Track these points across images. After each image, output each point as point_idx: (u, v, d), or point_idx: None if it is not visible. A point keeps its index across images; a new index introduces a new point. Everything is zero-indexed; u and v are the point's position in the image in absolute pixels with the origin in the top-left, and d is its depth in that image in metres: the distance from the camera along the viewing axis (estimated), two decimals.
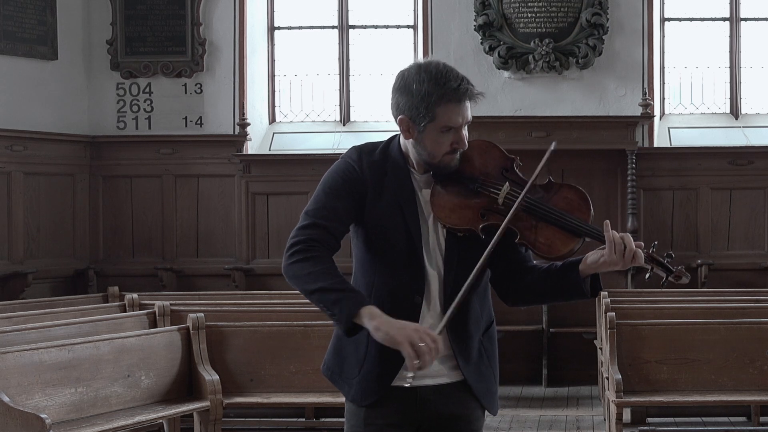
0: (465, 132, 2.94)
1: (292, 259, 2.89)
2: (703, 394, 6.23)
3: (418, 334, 2.74)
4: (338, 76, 10.51)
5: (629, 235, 2.88)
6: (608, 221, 2.92)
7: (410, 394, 2.96)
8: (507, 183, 2.93)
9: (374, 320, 2.78)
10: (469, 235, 2.92)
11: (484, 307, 3.08)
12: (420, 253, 2.94)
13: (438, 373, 2.98)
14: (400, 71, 2.96)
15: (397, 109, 2.94)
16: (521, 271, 3.03)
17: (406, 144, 2.99)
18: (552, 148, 2.96)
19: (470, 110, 2.92)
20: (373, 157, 2.99)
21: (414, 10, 10.36)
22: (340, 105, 10.51)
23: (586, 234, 2.90)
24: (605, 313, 6.59)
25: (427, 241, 2.97)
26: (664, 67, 10.19)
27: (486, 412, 3.12)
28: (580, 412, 8.09)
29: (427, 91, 2.86)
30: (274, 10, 10.55)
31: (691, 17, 10.25)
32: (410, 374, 2.78)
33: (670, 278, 2.94)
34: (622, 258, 2.85)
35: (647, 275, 3.03)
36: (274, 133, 10.47)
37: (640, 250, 2.86)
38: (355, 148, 3.03)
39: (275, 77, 10.57)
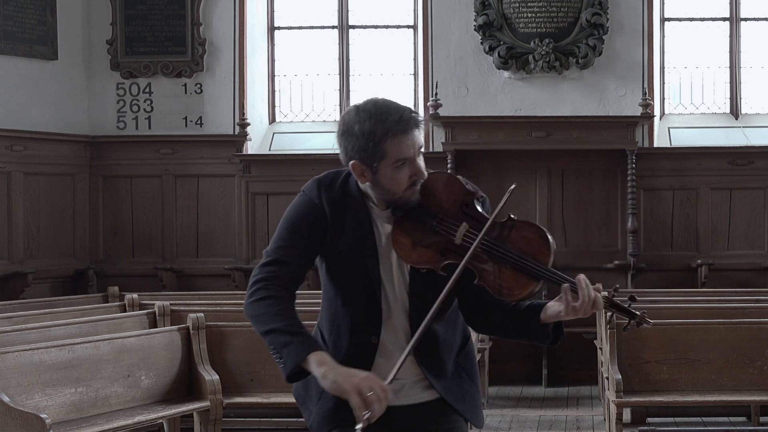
0: (421, 161, 2.84)
1: (251, 298, 2.85)
2: (703, 394, 6.23)
3: (366, 383, 2.65)
4: (338, 76, 10.51)
5: (586, 282, 2.78)
6: (566, 286, 2.81)
7: (382, 417, 2.78)
8: (464, 223, 2.84)
9: (322, 367, 2.70)
10: (431, 272, 2.86)
11: (456, 329, 3.01)
12: (377, 295, 2.89)
13: (412, 394, 2.93)
14: (341, 117, 2.90)
15: (346, 155, 2.84)
16: (487, 305, 2.96)
17: (364, 187, 2.90)
18: (512, 188, 2.87)
19: (421, 138, 2.85)
20: (333, 193, 2.91)
21: (414, 10, 10.35)
22: (340, 105, 10.51)
23: (545, 278, 2.81)
24: (605, 313, 6.58)
25: (390, 275, 2.90)
26: (664, 67, 10.19)
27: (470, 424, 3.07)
28: (580, 412, 8.09)
29: (370, 129, 2.78)
30: (274, 10, 10.55)
31: (691, 17, 10.25)
32: (359, 426, 2.65)
33: (633, 322, 2.91)
34: (581, 310, 2.78)
35: (608, 319, 3.00)
36: (274, 133, 10.47)
37: (599, 297, 2.79)
38: (314, 180, 2.95)
39: (275, 77, 10.57)
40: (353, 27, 10.51)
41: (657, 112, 9.99)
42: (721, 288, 8.77)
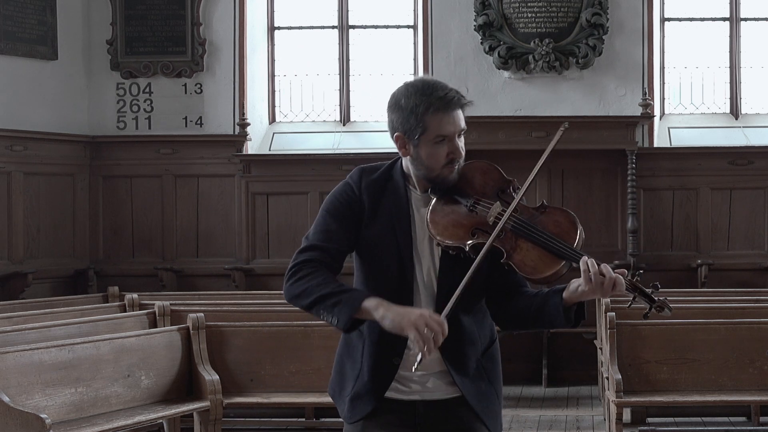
0: (461, 142, 2.95)
1: (291, 280, 2.93)
2: (703, 394, 6.23)
3: (423, 318, 2.75)
4: (338, 76, 10.51)
5: (607, 265, 2.83)
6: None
7: (408, 409, 2.98)
8: (498, 202, 2.94)
9: (380, 309, 2.81)
10: (460, 254, 2.92)
11: (483, 327, 3.07)
12: (410, 275, 2.96)
13: (435, 389, 2.99)
14: (392, 92, 3.00)
15: (392, 128, 2.97)
16: (513, 295, 3.03)
17: (407, 164, 3.01)
18: (562, 131, 2.96)
19: (462, 120, 2.94)
20: (373, 177, 3.03)
21: (414, 10, 10.35)
22: (340, 105, 10.51)
23: (570, 258, 2.86)
24: (605, 313, 6.59)
25: (420, 261, 2.98)
26: (664, 67, 10.19)
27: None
28: (580, 412, 8.09)
29: (414, 103, 2.89)
30: (274, 10, 10.55)
31: (691, 17, 10.25)
32: (419, 358, 2.77)
33: (653, 309, 2.92)
34: (601, 287, 2.81)
35: (629, 305, 3.01)
36: (274, 133, 10.47)
37: (621, 278, 2.82)
38: (358, 168, 3.06)
39: (275, 77, 10.57)
40: (353, 27, 10.51)
41: (657, 112, 9.99)
42: (721, 288, 8.77)
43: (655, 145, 9.88)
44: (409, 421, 2.99)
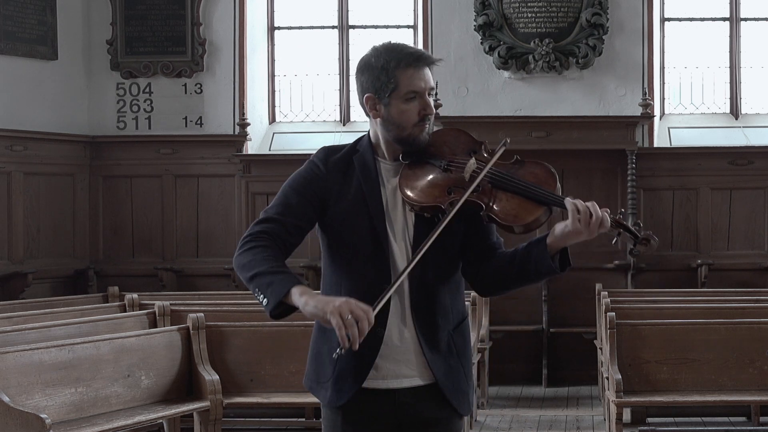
0: (430, 100, 2.95)
1: (241, 249, 2.90)
2: (703, 394, 6.23)
3: (347, 305, 2.68)
4: (338, 76, 10.51)
5: (593, 202, 2.83)
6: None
7: (387, 399, 2.96)
8: (473, 159, 2.93)
9: (303, 296, 2.75)
10: (435, 217, 2.88)
11: (456, 301, 3.04)
12: (385, 246, 2.93)
13: (411, 373, 2.96)
14: (360, 59, 3.01)
15: (362, 90, 2.96)
16: (490, 257, 3.00)
17: (376, 131, 3.00)
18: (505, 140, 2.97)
19: (431, 79, 2.94)
20: (339, 154, 3.01)
21: (414, 10, 10.36)
22: (340, 105, 10.51)
23: (552, 203, 2.86)
24: (605, 313, 6.59)
25: (394, 230, 2.95)
26: (664, 67, 10.19)
27: (466, 417, 3.10)
28: (580, 412, 8.09)
29: (385, 59, 2.90)
30: (274, 10, 10.55)
31: (691, 17, 10.25)
32: (339, 349, 2.69)
33: (638, 245, 2.90)
34: (587, 226, 2.80)
35: (614, 240, 2.98)
36: (274, 133, 10.47)
37: (606, 215, 2.82)
38: (323, 148, 3.05)
39: (275, 77, 10.57)
40: (353, 27, 10.52)
41: (657, 112, 9.99)
42: (721, 288, 8.77)
43: (655, 145, 9.88)
44: (388, 412, 2.96)
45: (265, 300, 2.80)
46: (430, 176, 2.92)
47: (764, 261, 9.57)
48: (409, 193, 2.90)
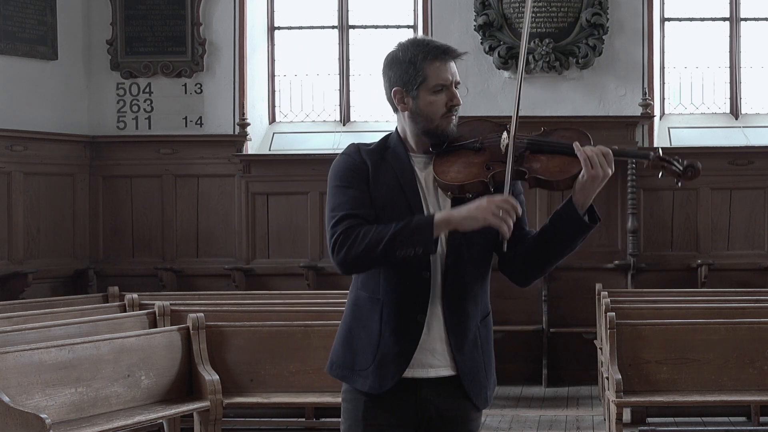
0: (457, 92, 3.00)
1: (344, 248, 2.88)
2: (703, 394, 6.23)
3: (491, 203, 2.81)
4: (338, 76, 10.51)
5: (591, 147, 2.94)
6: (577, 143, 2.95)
7: (410, 392, 2.97)
8: (504, 133, 2.99)
9: (450, 216, 2.84)
10: (477, 196, 2.91)
11: (484, 294, 3.09)
12: None
13: (438, 363, 2.98)
14: (386, 55, 3.08)
15: (390, 84, 3.04)
16: (521, 243, 3.04)
17: (404, 126, 3.04)
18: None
19: (457, 73, 3.01)
20: (370, 147, 3.06)
21: (414, 10, 10.36)
22: (340, 105, 10.51)
23: None
24: (605, 313, 6.59)
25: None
26: (664, 67, 10.19)
27: (483, 412, 3.12)
28: (580, 412, 8.09)
29: (413, 53, 2.98)
30: (274, 10, 10.55)
31: (691, 17, 10.25)
32: (505, 242, 2.84)
33: (683, 178, 3.02)
34: (599, 166, 2.88)
35: (660, 174, 3.04)
36: (274, 133, 10.47)
37: (606, 148, 2.92)
38: (352, 144, 3.08)
39: (275, 77, 10.57)
40: (353, 27, 10.51)
41: (657, 112, 9.99)
42: (721, 288, 8.77)
43: (655, 145, 9.87)
44: (410, 406, 2.98)
45: (418, 248, 2.83)
46: (465, 158, 2.98)
47: (764, 261, 9.57)
48: (447, 176, 2.95)
